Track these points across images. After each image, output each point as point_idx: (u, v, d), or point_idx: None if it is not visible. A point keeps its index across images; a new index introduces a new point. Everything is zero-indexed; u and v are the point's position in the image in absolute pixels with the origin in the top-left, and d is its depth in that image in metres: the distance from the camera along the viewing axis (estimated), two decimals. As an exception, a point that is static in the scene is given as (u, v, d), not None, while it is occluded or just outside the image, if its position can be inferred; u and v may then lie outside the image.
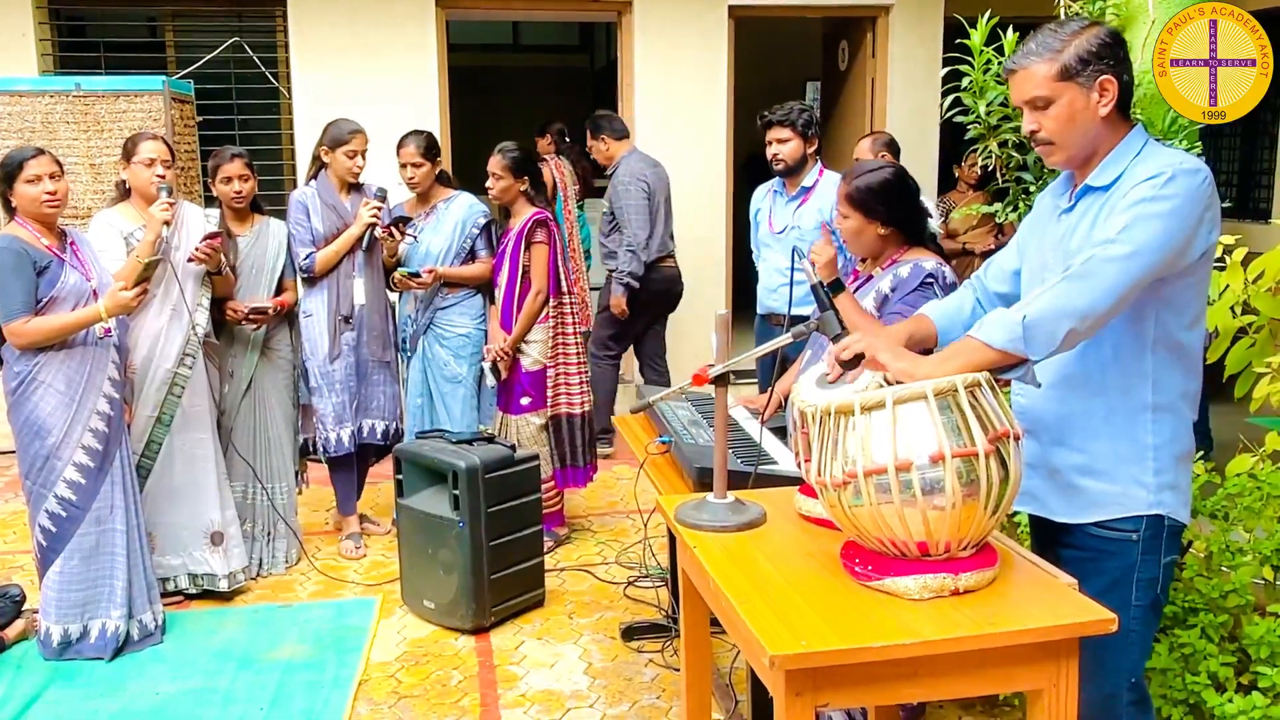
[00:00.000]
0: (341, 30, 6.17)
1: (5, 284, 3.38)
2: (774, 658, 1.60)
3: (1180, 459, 2.02)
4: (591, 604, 3.98)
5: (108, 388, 3.56)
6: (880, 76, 6.85)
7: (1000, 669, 1.72)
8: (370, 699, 3.29)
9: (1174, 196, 1.87)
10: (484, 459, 3.65)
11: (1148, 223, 1.86)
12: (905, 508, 1.74)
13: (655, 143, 6.59)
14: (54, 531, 3.51)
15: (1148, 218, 1.87)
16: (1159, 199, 1.87)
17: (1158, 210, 1.87)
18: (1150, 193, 1.88)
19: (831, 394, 1.91)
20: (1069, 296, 1.88)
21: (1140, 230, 1.86)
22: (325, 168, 4.37)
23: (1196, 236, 1.91)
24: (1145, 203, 1.88)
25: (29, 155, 3.47)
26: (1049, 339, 1.87)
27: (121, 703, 3.28)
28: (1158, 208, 1.87)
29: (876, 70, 6.88)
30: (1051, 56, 1.96)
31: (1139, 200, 1.89)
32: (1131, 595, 2.01)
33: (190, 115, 5.62)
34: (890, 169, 2.80)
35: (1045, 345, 1.88)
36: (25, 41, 5.86)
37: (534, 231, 4.24)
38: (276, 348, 4.32)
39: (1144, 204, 1.88)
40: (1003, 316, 1.90)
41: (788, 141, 4.18)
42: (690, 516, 2.18)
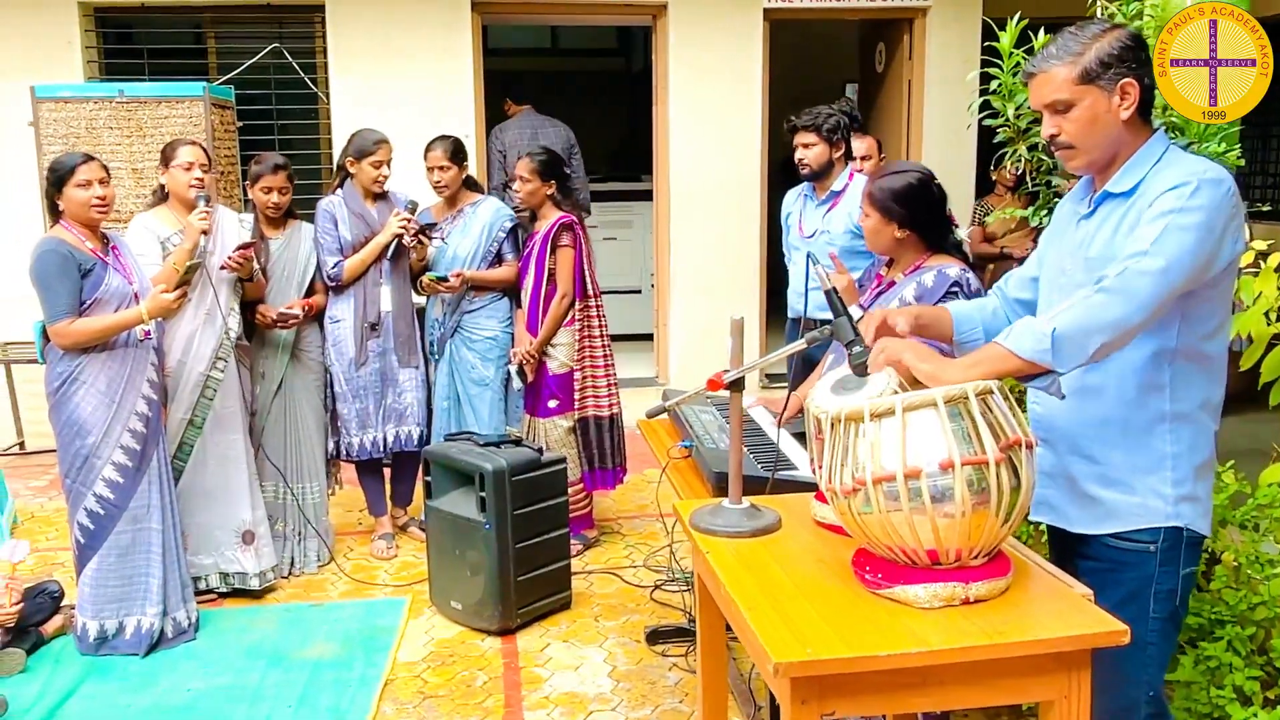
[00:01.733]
0: (378, 35, 6.24)
1: (51, 286, 3.47)
2: (778, 665, 1.59)
3: (1200, 469, 1.99)
4: (618, 607, 3.99)
5: (147, 389, 3.63)
6: (917, 78, 6.81)
7: (1011, 679, 1.70)
8: (396, 698, 3.33)
9: (1201, 208, 1.85)
10: (511, 462, 3.68)
11: (1179, 235, 1.84)
12: (915, 515, 1.73)
13: (689, 145, 6.62)
14: (92, 529, 3.59)
15: (1178, 229, 1.84)
16: (1187, 210, 1.85)
17: (1187, 222, 1.85)
18: (1177, 204, 1.85)
19: (845, 400, 1.90)
20: (1102, 310, 1.85)
21: (1172, 242, 1.84)
22: (351, 177, 4.42)
23: (1222, 247, 1.88)
24: (1174, 214, 1.85)
25: (79, 161, 3.54)
26: (1078, 352, 1.85)
27: (153, 698, 3.34)
28: (1187, 220, 1.85)
29: (913, 72, 6.84)
30: (1072, 60, 1.94)
31: (1167, 211, 1.86)
32: (1149, 607, 1.98)
33: (230, 120, 5.71)
34: (916, 173, 2.78)
35: (1074, 358, 1.85)
36: (72, 49, 5.99)
37: (560, 235, 4.27)
38: (307, 349, 4.38)
39: (1172, 215, 1.85)
40: (1032, 326, 1.88)
41: (813, 146, 4.17)
42: (705, 521, 2.18)
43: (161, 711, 3.26)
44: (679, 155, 6.63)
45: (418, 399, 4.51)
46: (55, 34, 6.00)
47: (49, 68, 5.90)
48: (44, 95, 5.26)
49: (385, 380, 4.45)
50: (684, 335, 6.76)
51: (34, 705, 3.27)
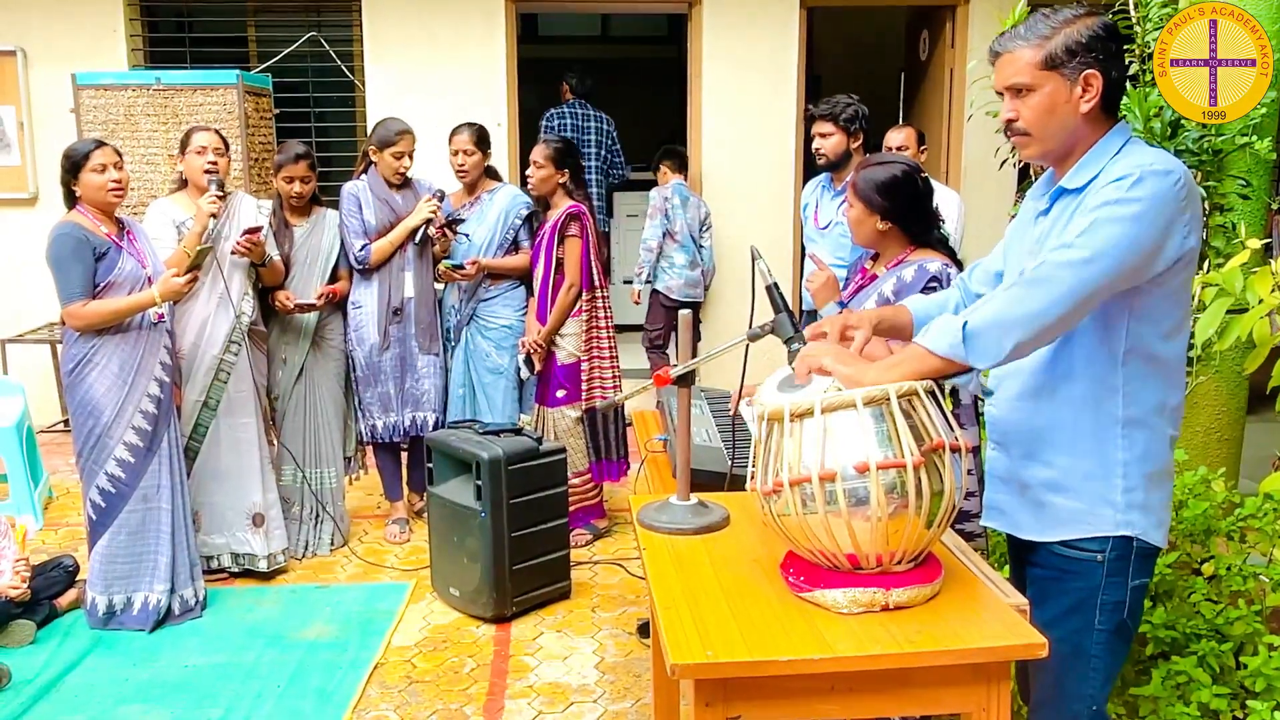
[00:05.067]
0: (413, 24, 6.29)
1: (65, 268, 3.56)
2: (674, 665, 1.58)
3: (1152, 477, 1.90)
4: (617, 598, 3.98)
5: (159, 371, 3.71)
6: (959, 66, 6.65)
7: (925, 690, 1.66)
8: (383, 682, 3.37)
9: (1139, 199, 1.76)
10: (507, 450, 3.69)
11: (1109, 226, 1.76)
12: (831, 518, 1.69)
13: (722, 137, 6.55)
14: (104, 507, 3.69)
15: (1109, 221, 1.76)
16: (1124, 201, 1.76)
17: (1121, 214, 1.76)
18: (1115, 195, 1.77)
19: (786, 398, 1.87)
20: (1018, 303, 1.78)
21: (1100, 234, 1.76)
22: (375, 164, 4.46)
23: (1168, 242, 1.79)
24: (1109, 205, 1.77)
25: (93, 146, 3.63)
26: (993, 348, 1.78)
27: (151, 673, 3.43)
28: (1122, 211, 1.76)
29: (955, 60, 6.68)
30: (1039, 43, 1.87)
31: (1103, 203, 1.78)
32: (1095, 618, 1.90)
33: (266, 108, 5.81)
34: (901, 166, 2.72)
35: (989, 354, 1.78)
36: (116, 37, 6.15)
37: (568, 225, 4.26)
38: (329, 336, 4.44)
39: (1107, 207, 1.77)
40: (947, 322, 1.82)
41: (830, 136, 4.11)
42: (649, 517, 2.16)
43: (156, 686, 3.35)
44: (712, 144, 6.58)
45: (435, 385, 4.55)
46: (101, 23, 6.16)
47: (95, 56, 6.07)
48: (85, 83, 5.42)
49: (404, 366, 4.49)
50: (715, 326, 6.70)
51: (37, 676, 3.38)
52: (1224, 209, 3.06)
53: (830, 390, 1.85)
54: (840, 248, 4.03)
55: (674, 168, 6.00)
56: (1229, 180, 3.04)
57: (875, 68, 8.54)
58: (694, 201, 6.04)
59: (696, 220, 6.03)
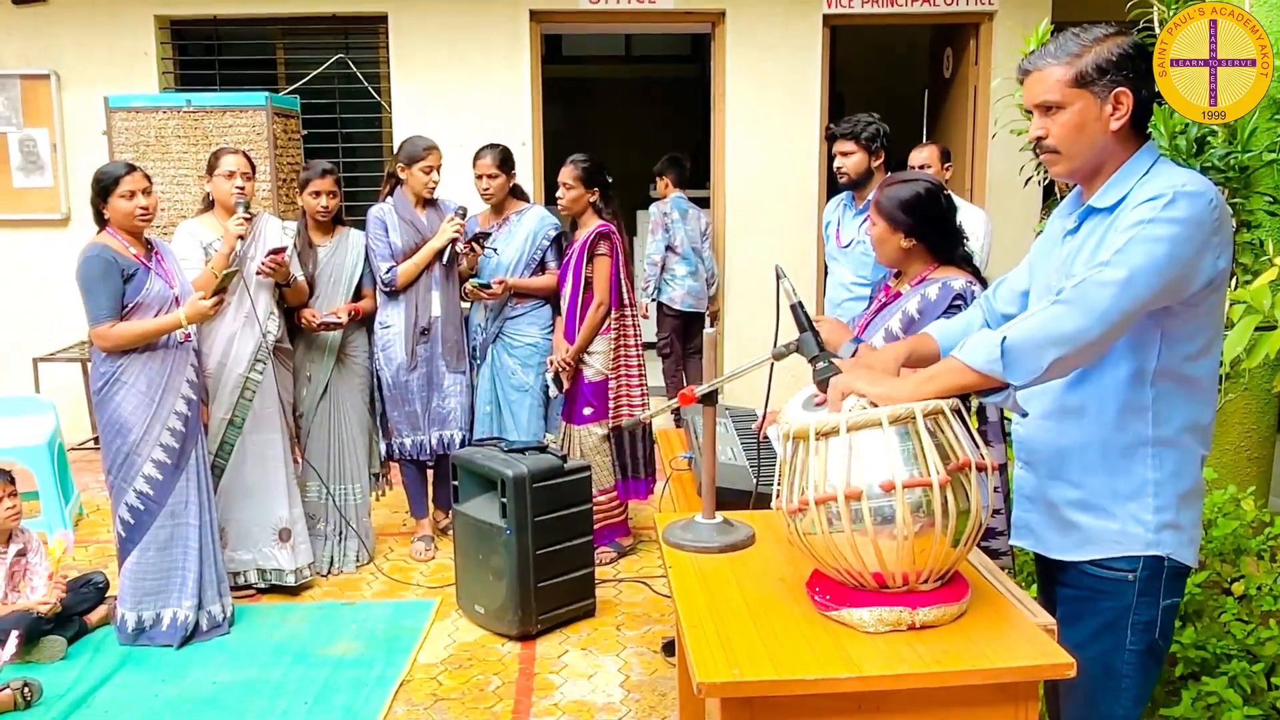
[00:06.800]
0: (439, 45, 6.36)
1: (93, 290, 3.61)
2: (701, 684, 1.58)
3: (1184, 497, 1.89)
4: (642, 616, 3.98)
5: (186, 389, 3.75)
6: (983, 83, 6.64)
7: (952, 709, 1.66)
8: (409, 699, 3.38)
9: (1175, 220, 1.76)
10: (532, 468, 3.70)
11: (1145, 245, 1.76)
12: (857, 537, 1.69)
13: (746, 153, 6.57)
14: (132, 524, 3.73)
15: (1146, 240, 1.76)
16: (1158, 221, 1.76)
17: (1157, 234, 1.76)
18: (1149, 214, 1.77)
19: (812, 416, 1.87)
20: (1056, 321, 1.78)
21: (1137, 253, 1.76)
22: (401, 184, 4.50)
23: (1201, 263, 1.79)
24: (1144, 225, 1.77)
25: (122, 172, 3.67)
26: (1031, 365, 1.78)
27: (180, 689, 3.45)
28: (1157, 231, 1.76)
29: (979, 77, 6.68)
30: (1069, 61, 1.87)
31: (1138, 222, 1.78)
32: (1126, 638, 1.89)
33: (294, 129, 5.88)
34: (924, 183, 2.72)
35: (1027, 371, 1.78)
36: (147, 60, 6.25)
37: (597, 244, 4.28)
38: (353, 354, 4.47)
39: (1142, 226, 1.77)
40: (985, 337, 1.82)
41: (851, 154, 4.10)
42: (675, 536, 2.17)
43: (186, 702, 3.37)
44: (736, 162, 6.60)
45: (461, 404, 4.57)
46: (133, 47, 6.26)
47: (126, 79, 6.17)
48: (117, 105, 5.50)
49: (431, 384, 4.52)
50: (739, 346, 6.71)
51: (68, 691, 3.41)
52: (1251, 225, 3.04)
53: (856, 408, 1.86)
54: (862, 266, 4.02)
55: (675, 180, 6.21)
56: (1256, 197, 3.02)
57: (899, 85, 8.54)
58: (693, 213, 6.21)
59: (697, 231, 6.21)
